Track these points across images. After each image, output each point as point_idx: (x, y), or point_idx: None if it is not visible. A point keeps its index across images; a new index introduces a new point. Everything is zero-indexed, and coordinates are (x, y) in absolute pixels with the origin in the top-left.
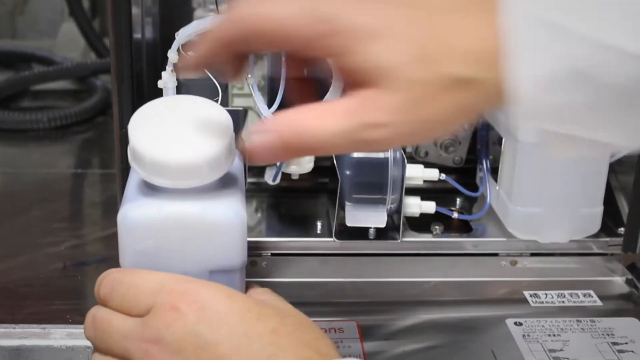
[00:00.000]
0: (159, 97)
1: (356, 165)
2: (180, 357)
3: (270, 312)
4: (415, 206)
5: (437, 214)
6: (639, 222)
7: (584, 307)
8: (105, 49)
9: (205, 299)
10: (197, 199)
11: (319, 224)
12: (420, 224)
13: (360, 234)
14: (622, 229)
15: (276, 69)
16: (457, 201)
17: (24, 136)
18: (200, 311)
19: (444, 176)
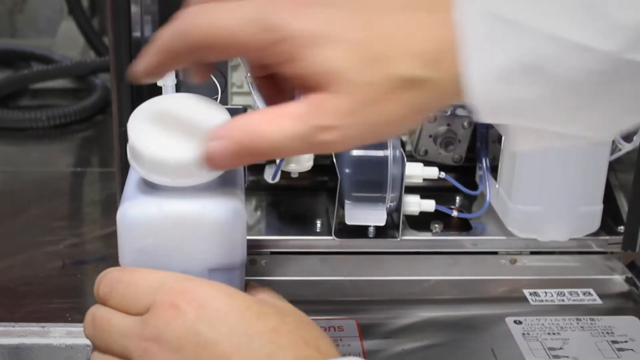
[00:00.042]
0: (158, 96)
1: (356, 163)
2: (179, 355)
3: (270, 311)
4: (414, 204)
5: (436, 212)
6: (638, 220)
7: (584, 306)
8: (104, 48)
9: (205, 297)
10: (197, 197)
11: (319, 223)
12: (419, 222)
13: (359, 232)
14: (622, 228)
15: None
16: (457, 199)
17: (23, 135)
18: (199, 309)
19: (443, 174)
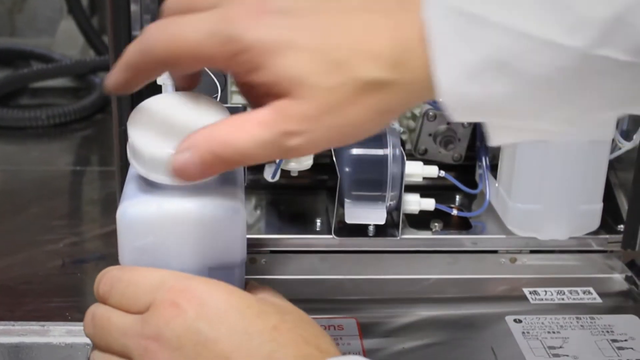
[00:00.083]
0: (158, 94)
1: (355, 162)
2: (179, 353)
3: (270, 309)
4: (414, 203)
5: (436, 211)
6: (638, 219)
7: (584, 304)
8: (104, 47)
9: (205, 295)
10: (196, 196)
11: (318, 221)
12: (419, 221)
13: (359, 231)
14: (622, 226)
15: None
16: (457, 198)
17: (23, 134)
18: (200, 308)
19: (443, 173)
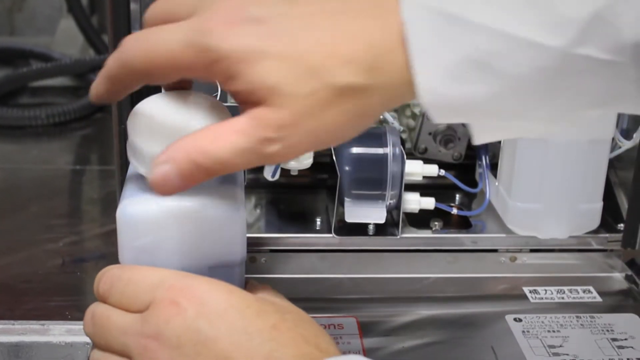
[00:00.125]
0: (158, 93)
1: (355, 161)
2: (179, 352)
3: (269, 309)
4: (414, 202)
5: (436, 210)
6: (638, 218)
7: (584, 303)
8: (103, 46)
9: (204, 294)
10: (196, 195)
11: (318, 220)
12: (419, 220)
13: (359, 230)
14: (622, 225)
15: None
16: (457, 197)
17: (23, 132)
18: (199, 307)
19: (443, 172)
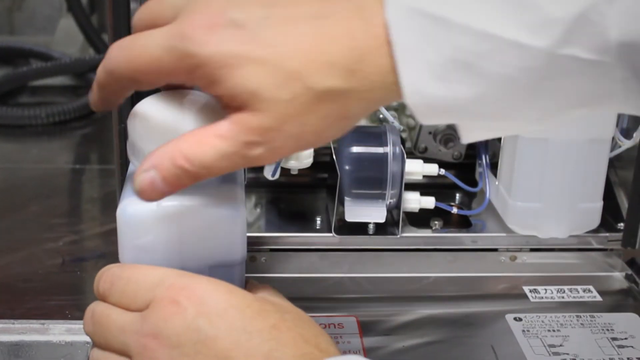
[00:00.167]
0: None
1: (356, 160)
2: (178, 351)
3: (269, 308)
4: (414, 201)
5: (436, 209)
6: (638, 217)
7: (584, 303)
8: (103, 45)
9: (204, 293)
10: (196, 194)
11: (318, 219)
12: (419, 219)
13: (359, 229)
14: (622, 225)
15: None
16: (457, 196)
17: (23, 132)
18: (199, 306)
19: (443, 171)
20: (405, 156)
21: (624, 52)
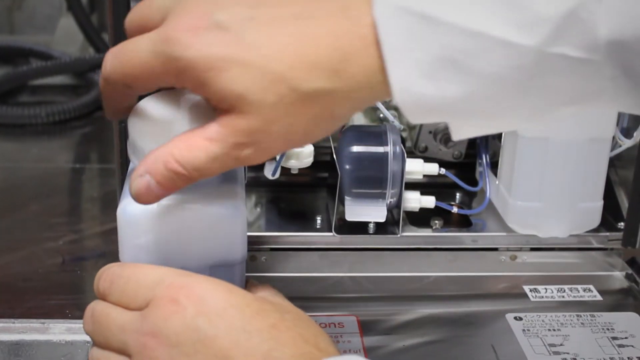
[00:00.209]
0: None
1: (356, 159)
2: (177, 350)
3: (269, 308)
4: (414, 201)
5: (436, 208)
6: (638, 216)
7: (584, 302)
8: (103, 44)
9: (204, 292)
10: (197, 194)
11: (319, 219)
12: (419, 218)
13: (359, 228)
14: (622, 224)
15: None
16: (457, 196)
17: (23, 131)
18: (199, 305)
19: (443, 171)
20: (405, 155)
21: (613, 50)
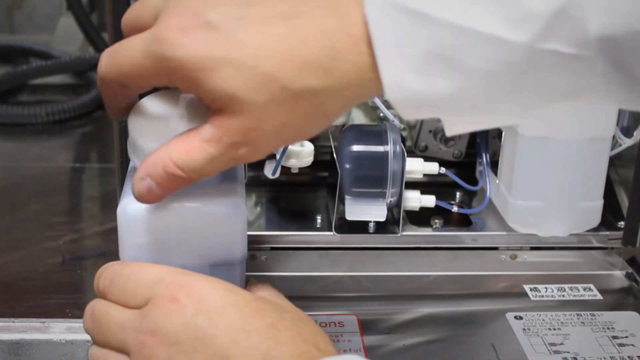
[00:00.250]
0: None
1: (356, 158)
2: (176, 348)
3: (268, 307)
4: (415, 200)
5: (436, 207)
6: (639, 215)
7: (584, 301)
8: (103, 43)
9: (204, 291)
10: (197, 193)
11: (319, 218)
12: (420, 217)
13: (360, 227)
14: (622, 223)
15: None
16: (457, 195)
17: (23, 130)
18: (199, 303)
19: (443, 170)
20: (405, 155)
21: (604, 46)
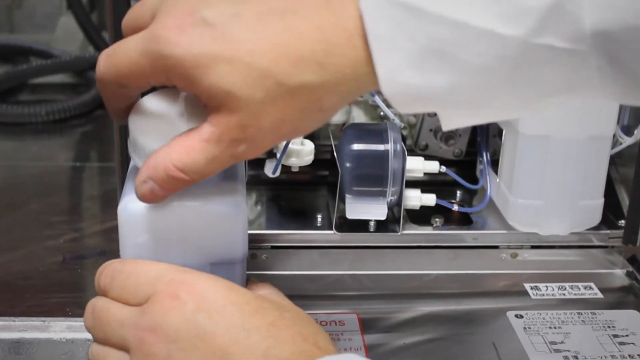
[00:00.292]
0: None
1: (356, 157)
2: (176, 346)
3: (268, 306)
4: (415, 199)
5: (437, 206)
6: (639, 214)
7: (585, 300)
8: (103, 43)
9: (204, 289)
10: (198, 192)
11: (319, 217)
12: (420, 216)
13: (360, 226)
14: (623, 222)
15: None
16: (458, 194)
17: (23, 129)
18: (199, 301)
19: (444, 169)
20: (406, 153)
21: (599, 40)
